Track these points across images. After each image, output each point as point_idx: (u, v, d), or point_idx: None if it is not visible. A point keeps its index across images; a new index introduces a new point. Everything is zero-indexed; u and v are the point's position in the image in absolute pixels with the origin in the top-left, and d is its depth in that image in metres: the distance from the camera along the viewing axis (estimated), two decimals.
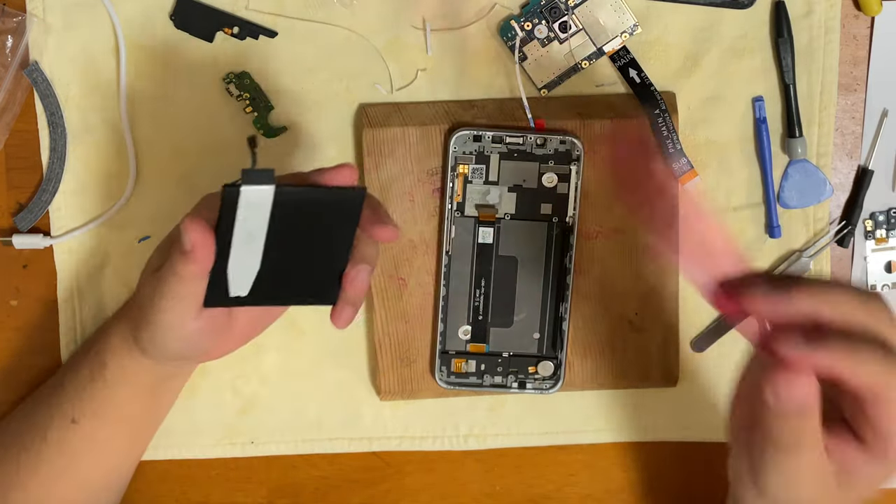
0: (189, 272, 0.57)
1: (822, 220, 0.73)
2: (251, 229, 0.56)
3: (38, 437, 0.67)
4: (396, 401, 0.74)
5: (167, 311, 0.59)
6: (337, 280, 0.60)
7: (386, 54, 0.71)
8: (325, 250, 0.59)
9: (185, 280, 0.57)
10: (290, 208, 0.56)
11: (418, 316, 0.72)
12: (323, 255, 0.59)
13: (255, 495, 0.75)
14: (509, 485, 0.76)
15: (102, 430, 0.67)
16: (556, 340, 0.72)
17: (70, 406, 0.67)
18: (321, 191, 0.58)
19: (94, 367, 0.67)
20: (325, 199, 0.57)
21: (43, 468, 0.67)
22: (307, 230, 0.58)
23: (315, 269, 0.60)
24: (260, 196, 0.54)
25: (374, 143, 0.69)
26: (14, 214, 0.72)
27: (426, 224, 0.71)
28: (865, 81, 0.73)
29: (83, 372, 0.67)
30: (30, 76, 0.69)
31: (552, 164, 0.70)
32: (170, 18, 0.70)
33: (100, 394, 0.67)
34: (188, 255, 0.56)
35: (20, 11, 0.69)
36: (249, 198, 0.54)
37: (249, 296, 0.59)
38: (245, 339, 0.66)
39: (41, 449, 0.67)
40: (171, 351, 0.62)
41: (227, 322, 0.63)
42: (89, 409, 0.67)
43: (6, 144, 0.71)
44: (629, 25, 0.70)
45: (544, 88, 0.71)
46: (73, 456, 0.67)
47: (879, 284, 0.75)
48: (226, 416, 0.74)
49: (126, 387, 0.66)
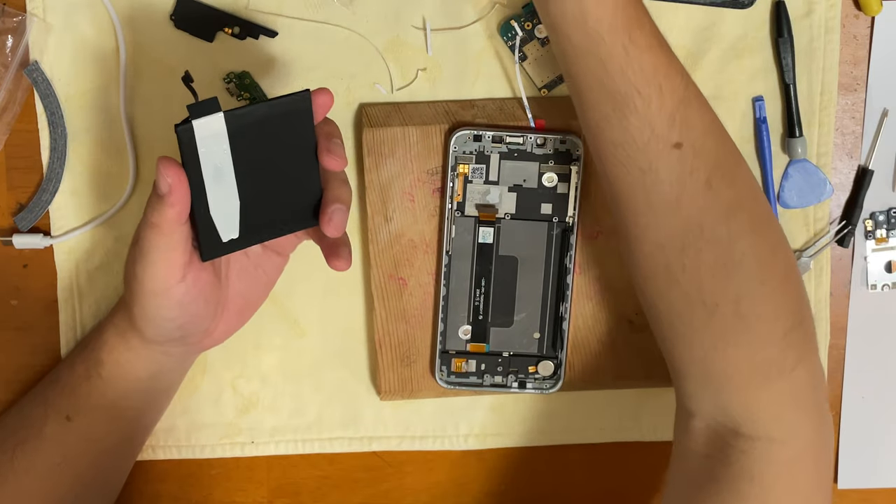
0: (167, 219, 0.57)
1: (823, 220, 0.73)
2: (217, 163, 0.57)
3: (33, 433, 0.67)
4: (397, 400, 0.74)
5: (151, 275, 0.59)
6: (317, 201, 0.61)
7: (386, 54, 0.71)
8: (296, 171, 0.60)
9: (164, 231, 0.57)
10: (245, 131, 0.57)
11: (418, 316, 0.72)
12: (295, 177, 0.60)
13: (255, 495, 0.75)
14: (509, 485, 0.76)
15: (98, 428, 0.67)
16: (556, 340, 0.72)
17: (66, 403, 0.67)
18: (268, 105, 0.57)
19: (89, 364, 0.67)
20: (275, 112, 0.58)
21: (38, 464, 0.67)
22: (269, 151, 0.58)
23: (293, 196, 0.61)
24: (212, 125, 0.56)
25: (374, 143, 0.69)
26: (14, 214, 0.72)
27: (426, 224, 0.71)
28: (865, 81, 0.73)
29: (78, 369, 0.67)
30: (30, 76, 0.69)
31: (552, 164, 0.70)
32: (170, 18, 0.69)
33: (95, 390, 0.66)
34: (166, 197, 0.56)
35: (20, 11, 0.69)
36: (203, 130, 0.56)
37: (241, 237, 0.60)
38: (240, 315, 0.66)
39: (37, 445, 0.67)
40: (167, 322, 0.62)
41: (216, 287, 0.63)
42: (84, 406, 0.67)
43: (6, 144, 0.71)
44: None
45: (544, 88, 0.71)
46: (68, 453, 0.67)
47: (879, 284, 0.75)
48: (226, 415, 0.74)
49: (122, 382, 0.66)
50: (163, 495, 0.75)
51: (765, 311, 0.60)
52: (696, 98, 0.60)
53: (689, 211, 0.59)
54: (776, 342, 0.60)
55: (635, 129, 0.59)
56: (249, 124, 0.57)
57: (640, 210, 0.61)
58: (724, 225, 0.59)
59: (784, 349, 0.60)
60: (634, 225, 0.62)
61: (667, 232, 0.60)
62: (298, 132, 0.59)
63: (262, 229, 0.61)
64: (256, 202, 0.60)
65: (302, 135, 0.59)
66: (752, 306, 0.60)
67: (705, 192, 0.59)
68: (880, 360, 0.76)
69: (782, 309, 0.60)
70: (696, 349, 0.61)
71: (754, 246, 0.60)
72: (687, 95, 0.59)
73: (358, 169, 0.71)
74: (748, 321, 0.60)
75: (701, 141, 0.59)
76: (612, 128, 0.60)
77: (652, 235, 0.61)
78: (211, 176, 0.58)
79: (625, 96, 0.58)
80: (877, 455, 0.77)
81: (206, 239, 0.60)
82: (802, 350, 0.61)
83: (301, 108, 0.59)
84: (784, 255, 0.62)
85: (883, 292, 0.75)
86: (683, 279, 0.60)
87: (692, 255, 0.60)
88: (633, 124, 0.59)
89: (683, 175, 0.59)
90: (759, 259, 0.60)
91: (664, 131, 0.58)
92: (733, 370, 0.61)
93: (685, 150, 0.59)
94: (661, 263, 0.61)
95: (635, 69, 0.58)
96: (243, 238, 0.61)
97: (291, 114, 0.59)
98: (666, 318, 0.63)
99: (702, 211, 0.59)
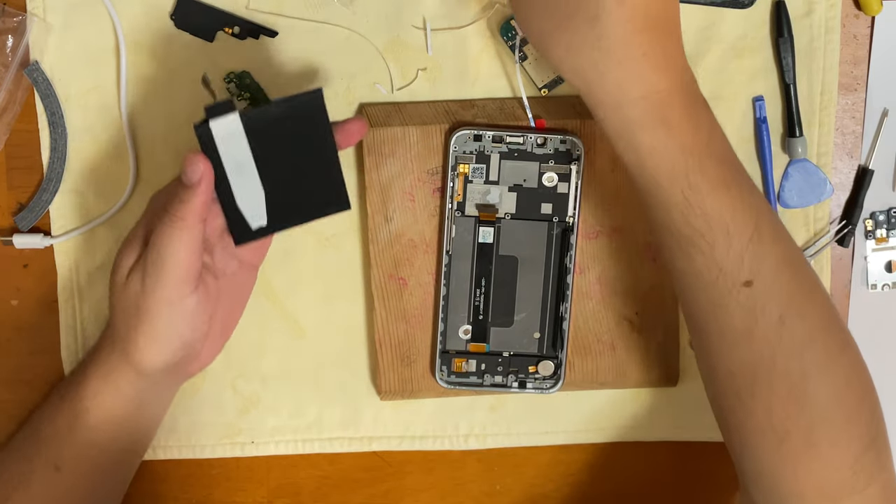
0: (193, 210, 0.58)
1: (823, 220, 0.73)
2: (238, 158, 0.61)
3: (21, 487, 0.65)
4: (397, 400, 0.74)
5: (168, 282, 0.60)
6: (342, 185, 0.63)
7: (386, 54, 0.71)
8: (316, 161, 0.63)
9: (188, 224, 0.59)
10: (262, 129, 0.61)
11: (419, 316, 0.72)
12: (316, 166, 0.63)
13: (255, 495, 0.75)
14: (509, 485, 0.76)
15: (88, 475, 0.66)
16: (556, 340, 0.72)
17: (52, 454, 0.66)
18: (282, 104, 0.61)
19: (73, 415, 0.65)
20: (290, 111, 0.61)
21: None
22: (289, 145, 0.62)
23: (317, 183, 0.63)
24: (229, 125, 0.60)
25: (374, 143, 0.69)
26: (14, 214, 0.72)
27: (426, 224, 0.71)
28: (866, 81, 0.73)
29: (59, 422, 0.66)
30: (30, 76, 0.69)
31: (552, 164, 0.70)
32: (170, 18, 0.70)
33: (82, 439, 0.65)
34: (195, 187, 0.58)
35: (20, 11, 0.69)
36: (220, 129, 0.60)
37: (269, 224, 0.63)
38: (222, 335, 0.67)
39: (26, 498, 0.65)
40: (174, 340, 0.62)
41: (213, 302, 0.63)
42: (72, 456, 0.65)
43: (6, 144, 0.71)
44: None
45: (545, 88, 0.71)
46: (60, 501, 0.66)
47: (880, 284, 0.75)
48: (226, 415, 0.74)
49: (110, 426, 0.65)
50: (163, 495, 0.75)
51: (837, 437, 0.59)
52: (770, 231, 0.59)
53: (760, 345, 0.59)
54: (848, 466, 0.59)
55: (702, 267, 0.58)
56: (266, 123, 0.61)
57: (711, 338, 0.60)
58: (796, 359, 0.58)
59: (856, 472, 0.59)
60: (705, 349, 0.62)
61: (738, 362, 0.60)
62: (315, 128, 0.62)
63: (290, 217, 0.64)
64: (282, 194, 0.63)
65: (319, 130, 0.62)
66: (824, 434, 0.59)
67: (777, 328, 0.58)
68: (880, 360, 0.76)
69: (854, 434, 0.59)
70: (766, 467, 0.61)
71: (828, 378, 0.59)
72: (758, 231, 0.58)
73: (358, 169, 0.71)
74: (819, 448, 0.59)
75: (773, 277, 0.58)
76: (679, 261, 0.60)
77: (723, 363, 0.60)
78: (233, 171, 0.61)
79: (688, 239, 0.58)
80: None
81: (236, 227, 0.63)
82: (875, 469, 0.60)
83: (315, 103, 0.61)
84: (858, 380, 0.61)
85: (883, 292, 0.75)
86: (753, 406, 0.60)
87: (764, 386, 0.59)
88: (699, 263, 0.58)
89: (755, 312, 0.58)
90: (833, 390, 0.59)
91: (733, 271, 0.58)
92: (803, 490, 0.60)
93: (756, 288, 0.58)
94: (732, 389, 0.60)
95: (697, 214, 0.57)
96: (271, 225, 0.63)
97: (306, 112, 0.61)
98: (735, 435, 0.62)
99: (774, 346, 0.58)
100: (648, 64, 0.57)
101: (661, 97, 0.57)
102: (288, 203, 0.63)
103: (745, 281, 0.58)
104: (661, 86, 0.57)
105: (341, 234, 0.72)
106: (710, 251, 0.58)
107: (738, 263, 0.57)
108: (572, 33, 0.57)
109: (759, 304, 0.58)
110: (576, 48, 0.57)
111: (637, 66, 0.56)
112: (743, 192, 0.58)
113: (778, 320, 0.58)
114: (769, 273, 0.58)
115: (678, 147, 0.57)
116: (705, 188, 0.57)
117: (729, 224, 0.57)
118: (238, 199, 0.62)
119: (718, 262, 0.58)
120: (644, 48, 0.56)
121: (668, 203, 0.58)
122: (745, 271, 0.58)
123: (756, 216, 0.58)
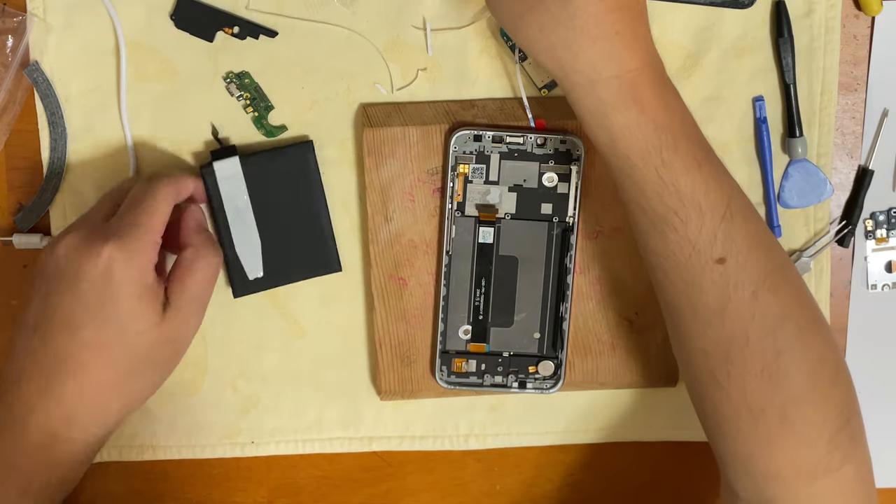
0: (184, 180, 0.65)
1: (823, 220, 0.73)
2: (237, 203, 0.68)
3: None
4: (397, 401, 0.74)
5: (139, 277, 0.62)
6: (333, 247, 0.70)
7: (386, 54, 0.70)
8: (308, 218, 0.69)
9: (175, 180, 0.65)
10: (258, 175, 0.68)
11: (419, 316, 0.72)
12: (309, 223, 0.70)
13: (255, 495, 0.75)
14: (509, 485, 0.76)
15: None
16: (556, 340, 0.72)
17: None
18: (274, 151, 0.69)
19: None
20: (282, 158, 0.69)
21: None
22: (283, 198, 0.69)
23: (310, 242, 0.70)
24: (231, 166, 0.68)
25: (374, 143, 0.69)
26: (14, 214, 0.72)
27: (426, 224, 0.71)
28: (866, 81, 0.73)
29: None
30: (30, 76, 0.69)
31: (552, 164, 0.70)
32: (170, 18, 0.69)
33: None
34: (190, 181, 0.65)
35: (21, 11, 0.69)
36: (223, 171, 0.68)
37: (265, 277, 0.70)
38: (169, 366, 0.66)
39: None
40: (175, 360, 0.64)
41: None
42: None
43: (6, 144, 0.71)
44: None
45: (545, 88, 0.71)
46: None
47: (880, 284, 0.75)
48: (226, 415, 0.74)
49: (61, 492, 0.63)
50: (163, 495, 0.75)
51: (811, 415, 0.59)
52: (741, 210, 0.59)
53: (734, 322, 0.59)
54: (823, 444, 0.59)
55: (676, 245, 0.59)
56: (261, 169, 0.68)
57: (684, 317, 0.61)
58: (770, 336, 0.59)
59: (831, 450, 0.59)
60: (679, 329, 0.62)
61: (711, 340, 0.60)
62: (305, 179, 0.69)
63: (284, 274, 0.70)
64: (277, 247, 0.69)
65: (309, 183, 0.69)
66: (798, 412, 0.59)
67: (751, 304, 0.58)
68: (880, 360, 0.76)
69: (829, 412, 0.60)
70: (741, 447, 0.61)
71: (801, 355, 0.59)
72: (730, 210, 0.58)
73: (358, 169, 0.71)
74: (794, 426, 0.59)
75: (745, 254, 0.58)
76: (653, 240, 0.60)
77: (697, 342, 0.61)
78: (233, 216, 0.68)
79: (662, 217, 0.58)
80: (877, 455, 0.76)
81: (236, 276, 0.70)
82: (849, 448, 0.60)
83: (304, 156, 0.69)
84: (832, 358, 0.61)
85: (883, 292, 0.75)
86: (728, 385, 0.60)
87: (737, 363, 0.59)
88: (673, 241, 0.59)
89: (728, 288, 0.58)
90: (807, 367, 0.59)
91: (706, 248, 0.58)
92: (778, 469, 0.60)
93: (729, 265, 0.58)
94: (706, 368, 0.60)
95: (671, 192, 0.58)
96: (267, 279, 0.70)
97: (296, 161, 0.69)
98: (711, 417, 0.62)
99: (747, 322, 0.58)
100: (621, 42, 0.57)
101: (633, 76, 0.57)
102: (282, 260, 0.69)
103: (718, 258, 0.58)
104: (633, 65, 0.57)
105: (341, 234, 0.72)
106: (683, 229, 0.58)
107: (711, 240, 0.58)
108: (543, 13, 0.57)
109: (731, 280, 0.58)
110: (548, 28, 0.57)
111: (610, 44, 0.57)
112: (714, 171, 0.59)
113: (751, 296, 0.58)
114: (742, 250, 0.58)
115: (651, 125, 0.57)
116: (679, 166, 0.58)
117: (702, 202, 0.58)
118: (237, 246, 0.68)
119: (692, 240, 0.58)
120: (617, 27, 0.57)
121: (641, 181, 0.58)
122: (717, 248, 0.58)
123: (728, 195, 0.59)
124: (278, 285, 0.70)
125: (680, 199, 0.58)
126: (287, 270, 0.70)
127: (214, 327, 0.72)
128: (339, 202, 0.71)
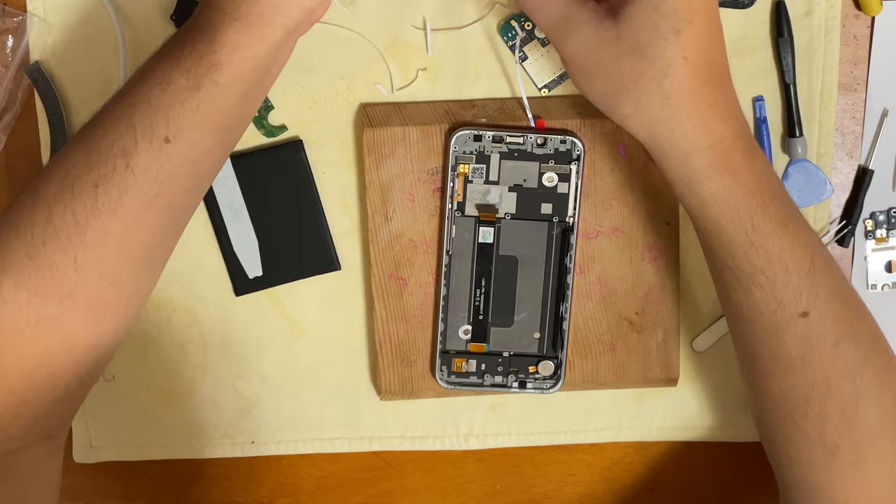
0: None
1: (823, 220, 0.73)
2: (232, 203, 0.70)
3: (119, 165, 0.57)
4: (397, 400, 0.74)
5: None
6: (330, 244, 0.71)
7: (386, 54, 0.71)
8: (304, 217, 0.70)
9: None
10: (250, 176, 0.69)
11: (419, 316, 0.72)
12: (305, 223, 0.71)
13: (255, 495, 0.75)
14: (509, 485, 0.76)
15: (201, 145, 0.59)
16: (556, 340, 0.72)
17: (163, 123, 0.57)
18: (265, 152, 0.70)
19: (198, 73, 0.58)
20: (273, 159, 0.70)
21: (129, 201, 0.57)
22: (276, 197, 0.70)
23: (307, 241, 0.71)
24: (223, 168, 0.67)
25: (374, 143, 0.69)
26: None
27: (426, 224, 0.71)
28: (866, 81, 0.73)
29: (180, 82, 0.58)
30: (30, 76, 0.69)
31: (553, 164, 0.70)
32: (170, 18, 0.69)
33: (206, 102, 0.58)
34: None
35: (21, 11, 0.69)
36: None
37: (265, 276, 0.71)
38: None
39: (126, 178, 0.57)
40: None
41: None
42: (188, 124, 0.58)
43: (6, 144, 0.71)
44: None
45: (545, 88, 0.71)
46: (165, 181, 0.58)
47: (879, 284, 0.75)
48: (226, 415, 0.74)
49: (239, 85, 0.59)
50: (163, 495, 0.75)
51: (886, 451, 0.60)
52: (823, 264, 0.60)
53: (815, 370, 0.60)
54: (893, 478, 0.60)
55: (761, 301, 0.60)
56: (253, 169, 0.69)
57: (764, 363, 0.61)
58: (849, 381, 0.60)
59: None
60: (756, 373, 0.63)
61: (791, 385, 0.61)
62: (297, 179, 0.70)
63: (283, 272, 0.71)
64: (275, 246, 0.71)
65: (301, 182, 0.70)
66: (874, 449, 0.60)
67: (832, 354, 0.59)
68: None
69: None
70: (812, 477, 0.62)
71: (878, 398, 0.60)
72: (814, 265, 0.59)
73: (358, 169, 0.71)
74: (868, 462, 0.60)
75: (827, 305, 0.59)
76: (736, 294, 0.61)
77: (776, 385, 0.61)
78: (229, 216, 0.70)
79: (748, 275, 0.59)
80: None
81: (236, 275, 0.71)
82: None
83: (295, 155, 0.70)
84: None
85: (883, 292, 0.75)
86: (805, 424, 0.61)
87: (816, 406, 0.60)
88: (758, 297, 0.60)
89: (811, 340, 0.59)
90: (884, 407, 0.60)
91: (791, 304, 0.59)
92: (848, 501, 0.61)
93: (812, 317, 0.59)
94: (783, 409, 0.61)
95: (759, 253, 0.59)
96: (267, 278, 0.71)
97: (287, 161, 0.70)
98: (782, 447, 0.63)
99: (829, 371, 0.60)
100: (714, 114, 0.58)
101: (726, 145, 0.58)
102: (281, 259, 0.71)
103: (801, 312, 0.59)
104: (726, 133, 0.58)
105: (341, 233, 0.72)
106: (769, 286, 0.59)
107: (796, 296, 0.59)
108: (639, 94, 0.58)
109: (814, 332, 0.59)
110: (644, 107, 0.58)
111: (704, 118, 0.58)
112: (799, 229, 0.60)
113: (833, 346, 0.59)
114: (824, 303, 0.59)
115: (742, 191, 0.58)
116: (767, 229, 0.59)
117: (788, 261, 0.59)
118: (235, 245, 0.70)
119: (778, 297, 0.59)
120: (710, 100, 0.58)
121: (730, 244, 0.59)
122: (802, 303, 0.59)
123: (812, 250, 0.60)
124: (278, 284, 0.71)
125: (768, 260, 0.59)
126: (286, 269, 0.71)
127: (214, 327, 0.72)
128: (339, 202, 0.71)
